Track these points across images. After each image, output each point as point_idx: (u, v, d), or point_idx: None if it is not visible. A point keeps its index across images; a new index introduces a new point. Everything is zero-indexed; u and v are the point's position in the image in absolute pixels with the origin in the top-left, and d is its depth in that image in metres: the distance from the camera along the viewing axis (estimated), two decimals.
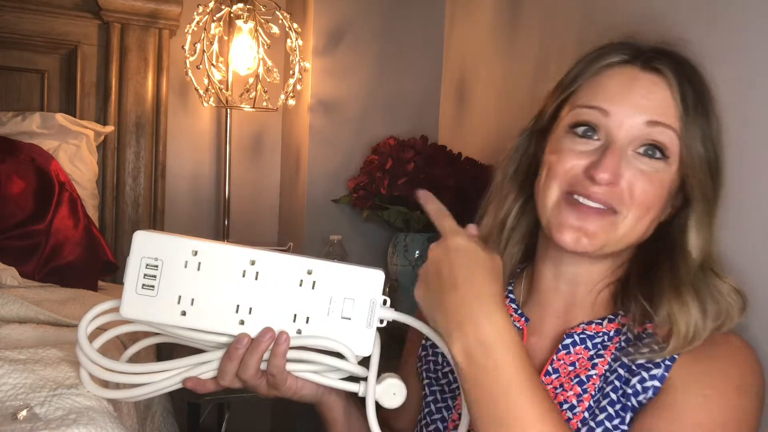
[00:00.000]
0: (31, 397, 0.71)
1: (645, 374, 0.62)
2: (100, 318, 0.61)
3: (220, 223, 1.97)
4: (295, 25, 1.81)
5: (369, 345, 0.60)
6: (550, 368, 0.68)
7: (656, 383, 0.61)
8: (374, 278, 0.60)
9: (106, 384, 0.63)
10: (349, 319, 0.59)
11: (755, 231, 0.88)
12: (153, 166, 1.92)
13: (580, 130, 0.66)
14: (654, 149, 0.64)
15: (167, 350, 0.70)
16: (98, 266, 1.61)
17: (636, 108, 0.64)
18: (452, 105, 1.93)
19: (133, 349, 0.66)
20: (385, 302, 0.61)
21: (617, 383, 0.64)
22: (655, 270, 0.67)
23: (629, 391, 0.62)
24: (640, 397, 0.61)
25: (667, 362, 0.62)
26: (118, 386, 0.63)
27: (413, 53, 1.96)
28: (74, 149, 1.72)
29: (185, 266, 0.59)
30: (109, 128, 1.84)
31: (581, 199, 0.64)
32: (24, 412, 0.66)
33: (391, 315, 0.61)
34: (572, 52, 0.85)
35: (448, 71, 1.97)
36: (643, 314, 0.65)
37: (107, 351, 0.64)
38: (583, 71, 0.69)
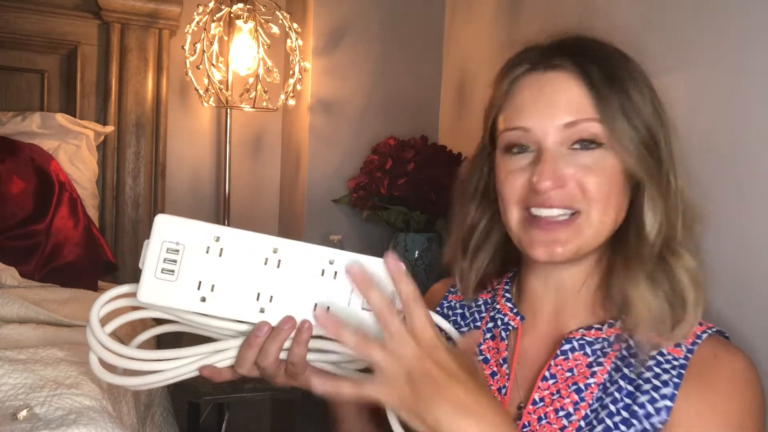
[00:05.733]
0: (31, 397, 0.71)
1: (655, 394, 0.62)
2: (115, 302, 0.59)
3: (220, 223, 1.97)
4: (295, 25, 1.81)
5: None
6: (547, 373, 0.67)
7: (667, 402, 0.61)
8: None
9: (114, 371, 0.62)
10: (369, 310, 0.59)
11: (755, 231, 0.88)
12: (153, 166, 1.92)
13: (513, 149, 0.67)
14: (586, 142, 0.64)
15: (167, 344, 0.69)
16: (98, 266, 1.61)
17: (550, 113, 0.64)
18: (452, 105, 1.93)
19: (141, 337, 0.64)
20: None
21: (618, 395, 0.63)
22: (617, 257, 0.67)
23: (638, 410, 0.61)
24: (654, 420, 0.61)
25: (675, 380, 0.62)
26: (125, 373, 0.62)
27: (413, 53, 1.96)
28: (74, 149, 1.73)
29: (207, 252, 0.58)
30: (109, 128, 1.85)
31: (541, 212, 0.65)
32: (24, 412, 0.66)
33: None
34: None
35: (448, 71, 1.97)
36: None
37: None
38: (498, 91, 0.70)
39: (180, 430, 1.26)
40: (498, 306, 0.76)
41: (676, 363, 0.63)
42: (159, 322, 0.63)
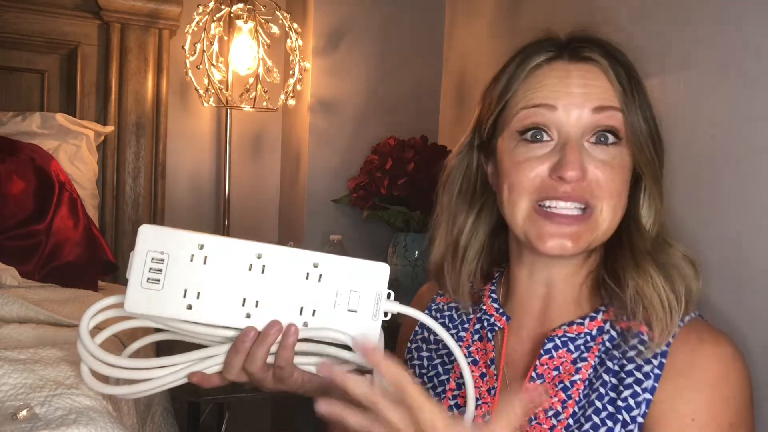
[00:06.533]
0: (31, 397, 0.71)
1: (637, 387, 0.62)
2: (103, 313, 0.60)
3: (220, 223, 1.97)
4: (295, 25, 1.81)
5: (375, 337, 0.60)
6: (534, 374, 0.67)
7: (648, 396, 0.61)
8: (380, 271, 0.61)
9: (106, 380, 0.63)
10: (356, 311, 0.60)
11: (754, 229, 0.88)
12: (153, 166, 1.92)
13: (530, 134, 0.65)
14: (606, 135, 0.64)
15: (166, 350, 0.69)
16: (98, 266, 1.61)
17: (579, 98, 0.64)
18: (452, 105, 1.93)
19: (134, 346, 0.65)
20: (389, 295, 0.61)
21: (602, 390, 0.63)
22: (616, 249, 0.68)
23: (620, 404, 0.62)
24: (634, 413, 0.61)
25: (656, 371, 0.61)
26: (118, 382, 0.63)
27: (413, 53, 1.96)
28: (74, 149, 1.72)
29: (191, 260, 0.59)
30: (109, 128, 1.84)
31: (553, 205, 0.64)
32: (24, 412, 0.66)
33: (396, 308, 0.61)
34: None
35: (448, 71, 1.97)
36: (620, 300, 0.65)
37: (107, 350, 0.64)
38: (513, 77, 0.68)
39: (180, 430, 1.26)
40: (484, 307, 0.75)
41: (657, 350, 0.62)
42: (156, 329, 0.64)
